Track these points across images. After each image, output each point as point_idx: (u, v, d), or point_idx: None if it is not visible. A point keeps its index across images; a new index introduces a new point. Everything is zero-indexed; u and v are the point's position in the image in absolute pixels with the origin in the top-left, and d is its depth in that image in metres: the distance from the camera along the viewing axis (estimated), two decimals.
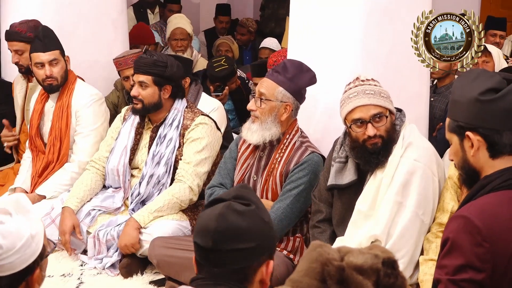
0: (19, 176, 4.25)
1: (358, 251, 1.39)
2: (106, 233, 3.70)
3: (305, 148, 3.35)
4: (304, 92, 3.40)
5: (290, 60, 3.43)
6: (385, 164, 2.98)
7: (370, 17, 3.51)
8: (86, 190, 3.86)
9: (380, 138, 2.95)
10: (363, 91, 2.96)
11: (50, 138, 4.14)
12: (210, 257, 1.78)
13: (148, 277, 3.62)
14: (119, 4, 5.23)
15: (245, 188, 1.91)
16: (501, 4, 8.37)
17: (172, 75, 3.77)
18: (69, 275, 3.63)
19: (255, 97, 3.38)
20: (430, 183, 2.97)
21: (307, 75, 3.36)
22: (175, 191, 3.71)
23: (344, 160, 3.13)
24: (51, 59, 4.04)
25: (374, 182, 3.01)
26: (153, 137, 3.85)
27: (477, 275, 1.95)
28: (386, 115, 2.96)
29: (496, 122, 2.07)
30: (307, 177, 3.30)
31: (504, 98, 2.05)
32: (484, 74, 2.14)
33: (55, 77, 4.06)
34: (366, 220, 2.99)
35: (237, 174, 3.50)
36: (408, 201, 2.92)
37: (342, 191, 3.14)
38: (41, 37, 4.05)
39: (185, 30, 6.18)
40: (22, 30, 4.37)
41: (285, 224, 3.31)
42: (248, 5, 9.62)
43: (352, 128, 2.97)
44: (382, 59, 3.51)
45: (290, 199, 3.29)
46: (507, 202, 2.02)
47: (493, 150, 2.09)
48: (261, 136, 3.34)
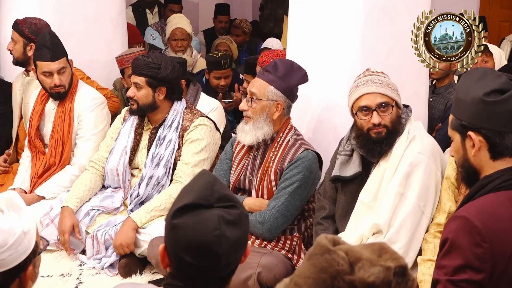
0: (18, 176, 4.24)
1: (368, 261, 1.32)
2: (105, 233, 3.69)
3: (298, 146, 3.37)
4: (296, 91, 3.41)
5: (280, 60, 3.47)
6: (389, 155, 3.02)
7: (369, 16, 3.51)
8: (86, 190, 3.86)
9: (385, 127, 3.01)
10: (372, 80, 3.04)
11: (51, 141, 4.14)
12: (200, 273, 1.64)
13: (147, 277, 3.61)
14: (118, 3, 5.23)
15: (210, 180, 1.69)
16: (500, 4, 8.36)
17: (165, 77, 3.76)
18: (68, 275, 3.62)
19: (247, 97, 3.39)
20: (433, 176, 3.01)
21: (298, 74, 3.37)
22: (172, 191, 3.70)
23: (350, 153, 3.18)
24: (60, 67, 4.03)
25: (378, 174, 3.05)
26: (152, 139, 3.85)
27: (476, 275, 1.95)
28: (392, 105, 3.02)
29: (499, 124, 2.06)
30: (301, 174, 3.31)
31: (508, 100, 2.03)
32: (490, 74, 2.12)
33: (63, 85, 4.06)
34: (368, 211, 3.02)
35: (232, 175, 3.52)
36: (410, 192, 2.95)
37: (346, 184, 3.19)
38: (49, 46, 4.00)
39: (185, 30, 6.16)
40: (22, 23, 4.42)
41: (280, 222, 3.31)
42: (247, 5, 9.62)
43: (358, 116, 3.03)
44: (381, 59, 3.51)
45: (285, 197, 3.30)
46: (507, 203, 2.01)
47: (495, 152, 2.08)
48: (254, 136, 3.36)
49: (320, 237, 1.37)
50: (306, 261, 1.37)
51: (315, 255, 1.34)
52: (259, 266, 3.15)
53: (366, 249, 1.35)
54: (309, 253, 1.36)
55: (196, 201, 1.64)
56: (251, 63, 4.99)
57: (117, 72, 4.96)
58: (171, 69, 3.79)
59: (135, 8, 7.73)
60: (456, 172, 2.96)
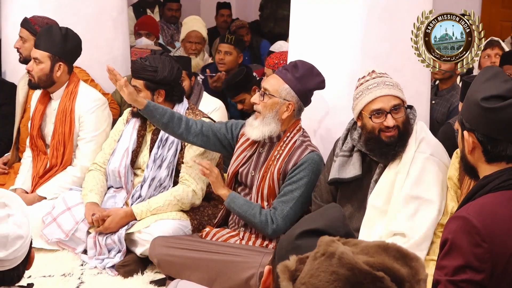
0: (19, 176, 4.25)
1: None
2: (106, 237, 3.70)
3: (305, 147, 3.35)
4: (310, 95, 3.38)
5: (302, 61, 3.41)
6: (400, 157, 2.99)
7: (370, 16, 3.51)
8: (100, 187, 3.89)
9: (397, 129, 2.98)
10: (383, 82, 3.01)
11: (53, 142, 4.14)
12: None
13: (148, 276, 3.61)
14: (119, 3, 5.23)
15: (343, 214, 1.62)
16: (501, 4, 8.35)
17: (163, 79, 3.75)
18: (70, 274, 3.63)
19: (260, 90, 3.39)
20: (446, 176, 3.01)
21: (316, 79, 3.34)
22: (178, 192, 3.71)
23: (348, 154, 3.14)
24: (35, 57, 4.07)
25: (388, 177, 3.01)
26: (154, 140, 3.85)
27: (476, 275, 1.95)
28: (404, 106, 3.01)
29: (492, 131, 2.04)
30: (308, 177, 3.30)
31: (505, 109, 2.00)
32: (499, 77, 2.08)
33: (32, 74, 4.09)
34: (381, 215, 2.99)
35: (232, 164, 3.51)
36: (431, 196, 2.93)
37: (344, 185, 3.15)
38: (40, 34, 4.10)
39: (200, 34, 6.12)
40: (34, 21, 4.45)
41: (288, 226, 3.32)
42: (248, 5, 9.62)
43: (372, 119, 2.98)
44: (382, 58, 3.51)
45: (294, 202, 3.30)
46: (506, 203, 2.01)
47: (488, 155, 2.07)
48: (261, 132, 3.34)
49: (355, 260, 1.21)
50: (316, 263, 1.24)
51: (327, 259, 1.22)
52: (261, 266, 3.15)
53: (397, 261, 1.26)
54: (350, 280, 1.21)
55: (325, 229, 1.60)
56: (233, 85, 4.85)
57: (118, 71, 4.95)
58: (169, 71, 3.78)
59: (136, 8, 7.74)
60: (458, 173, 2.96)
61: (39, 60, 4.06)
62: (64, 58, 4.10)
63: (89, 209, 3.73)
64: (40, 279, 3.54)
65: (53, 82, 4.11)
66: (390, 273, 1.22)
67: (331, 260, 1.22)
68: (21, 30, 4.51)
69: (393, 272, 1.22)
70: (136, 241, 3.68)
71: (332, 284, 1.20)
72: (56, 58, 4.07)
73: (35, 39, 4.15)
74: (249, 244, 3.38)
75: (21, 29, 4.51)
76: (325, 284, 1.20)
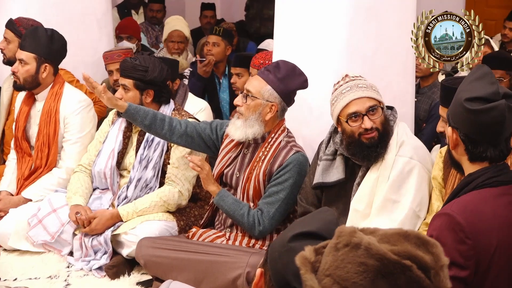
0: (4, 178, 4.22)
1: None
2: (92, 239, 3.69)
3: (290, 148, 3.34)
4: (293, 95, 3.36)
5: (284, 61, 3.38)
6: (382, 159, 2.99)
7: (355, 16, 3.52)
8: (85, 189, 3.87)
9: (376, 130, 2.97)
10: (356, 85, 2.99)
11: (37, 143, 4.12)
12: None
13: (135, 278, 3.60)
14: (104, 4, 5.22)
15: (336, 217, 1.61)
16: (486, 3, 8.40)
17: (153, 80, 3.75)
18: (56, 277, 3.61)
19: (243, 93, 3.37)
20: (426, 180, 3.01)
21: (298, 79, 3.32)
22: (164, 193, 3.71)
23: (331, 158, 3.13)
24: (20, 58, 4.06)
25: (369, 181, 3.01)
26: (140, 141, 3.84)
27: (461, 272, 1.96)
28: (381, 107, 3.00)
29: (474, 132, 2.05)
30: (293, 178, 3.30)
31: (488, 112, 2.00)
32: (487, 78, 2.08)
33: (17, 75, 4.08)
34: (363, 219, 3.00)
35: (217, 166, 3.50)
36: (404, 198, 2.94)
37: (328, 189, 3.15)
38: (25, 36, 4.09)
39: (183, 33, 6.08)
40: (19, 23, 4.44)
41: (274, 227, 3.34)
42: (233, 5, 9.61)
43: (349, 123, 2.97)
44: (367, 58, 3.52)
45: (279, 203, 3.30)
46: (490, 200, 2.03)
47: (470, 155, 2.09)
48: (244, 133, 3.32)
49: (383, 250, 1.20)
50: (339, 254, 1.21)
51: (392, 273, 1.19)
52: (248, 266, 3.15)
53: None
54: (381, 271, 1.19)
55: (319, 232, 1.59)
56: (241, 56, 5.03)
57: (103, 73, 4.95)
58: (159, 72, 3.77)
59: (120, 8, 7.71)
60: (442, 172, 2.98)
61: (24, 61, 4.04)
62: (50, 59, 4.09)
63: (73, 212, 3.72)
64: (26, 281, 3.52)
65: (38, 83, 4.09)
66: (416, 261, 1.20)
67: (357, 251, 1.19)
68: (6, 31, 4.49)
69: (418, 260, 1.21)
70: (122, 242, 3.67)
71: (361, 275, 1.17)
72: (41, 60, 4.06)
73: (21, 40, 4.13)
74: (235, 244, 3.38)
75: (6, 30, 4.49)
76: (354, 275, 1.18)
